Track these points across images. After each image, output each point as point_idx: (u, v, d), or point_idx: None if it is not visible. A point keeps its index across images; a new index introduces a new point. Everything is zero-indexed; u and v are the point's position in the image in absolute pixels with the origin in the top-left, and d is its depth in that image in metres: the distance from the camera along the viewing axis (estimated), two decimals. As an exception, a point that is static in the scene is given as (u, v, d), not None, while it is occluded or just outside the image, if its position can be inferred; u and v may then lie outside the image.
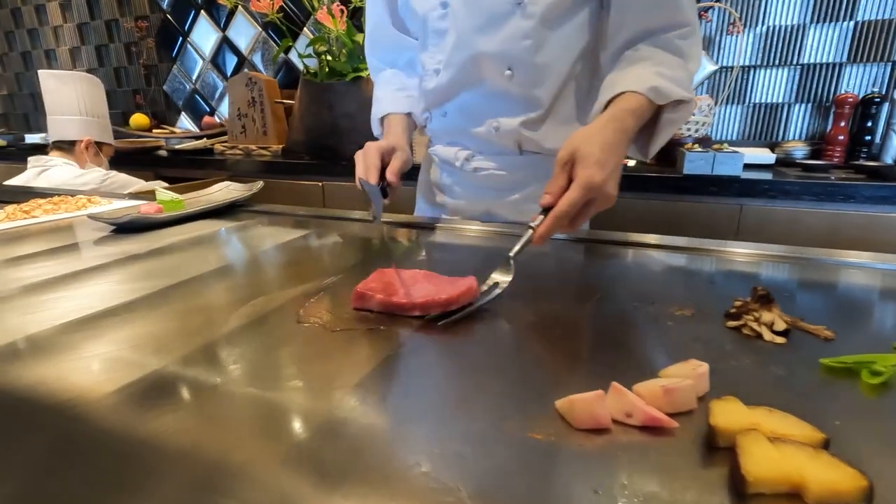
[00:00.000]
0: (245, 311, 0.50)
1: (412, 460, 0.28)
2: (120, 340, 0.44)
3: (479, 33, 0.78)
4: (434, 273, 0.55)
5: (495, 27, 0.77)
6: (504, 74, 0.79)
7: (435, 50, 0.84)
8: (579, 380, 0.37)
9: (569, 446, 0.30)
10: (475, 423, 0.32)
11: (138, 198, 1.16)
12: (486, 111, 0.84)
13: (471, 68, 0.81)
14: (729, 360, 0.40)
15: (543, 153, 0.85)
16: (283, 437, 0.31)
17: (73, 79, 1.69)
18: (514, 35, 0.76)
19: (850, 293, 0.58)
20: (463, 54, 0.80)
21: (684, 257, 0.69)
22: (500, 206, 0.91)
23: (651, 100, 0.66)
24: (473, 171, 0.89)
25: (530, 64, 0.78)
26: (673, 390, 0.32)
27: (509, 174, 0.88)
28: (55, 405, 0.34)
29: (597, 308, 0.51)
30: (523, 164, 0.87)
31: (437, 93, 0.87)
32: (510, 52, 0.77)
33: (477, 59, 0.79)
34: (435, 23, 0.82)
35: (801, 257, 0.67)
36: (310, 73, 1.87)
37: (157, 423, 0.32)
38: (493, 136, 0.84)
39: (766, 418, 0.30)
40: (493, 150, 0.87)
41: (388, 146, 0.81)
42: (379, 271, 0.54)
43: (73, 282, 0.60)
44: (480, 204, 0.92)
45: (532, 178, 0.88)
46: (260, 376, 0.38)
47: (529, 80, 0.79)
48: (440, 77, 0.85)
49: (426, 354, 0.42)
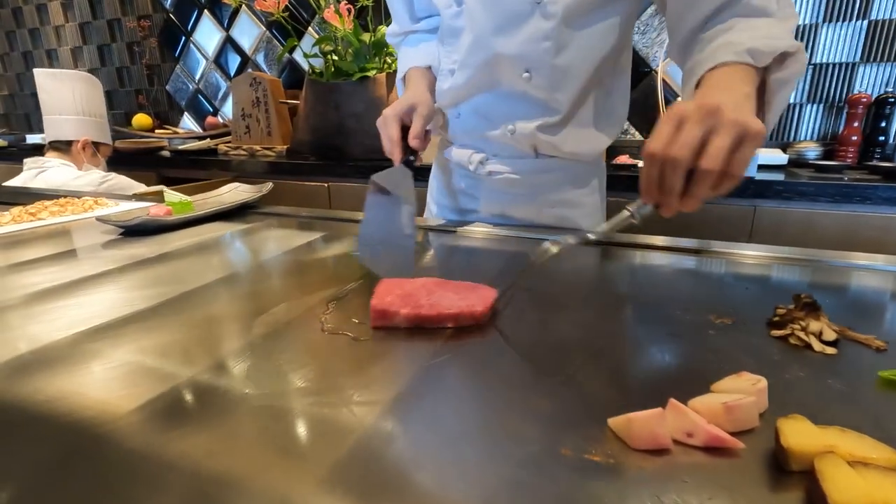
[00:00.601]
0: (266, 320, 0.48)
1: (466, 488, 0.26)
2: (138, 351, 0.42)
3: (496, 34, 0.75)
4: (444, 280, 0.53)
5: (514, 28, 0.74)
6: (522, 76, 0.76)
7: (450, 49, 0.82)
8: (629, 395, 0.35)
9: (629, 469, 0.28)
10: (529, 446, 0.30)
11: (145, 199, 1.14)
12: (501, 114, 0.81)
13: (487, 70, 0.78)
14: (781, 373, 0.38)
15: (560, 157, 0.83)
16: (321, 457, 0.29)
17: (70, 77, 1.66)
18: (533, 36, 0.73)
19: (890, 298, 0.56)
20: (480, 55, 0.77)
21: (708, 261, 0.67)
22: (514, 210, 0.89)
23: (751, 64, 0.54)
24: (488, 175, 0.87)
25: (550, 66, 0.74)
26: (735, 408, 0.30)
27: (524, 178, 0.85)
28: (75, 423, 0.32)
29: (633, 316, 0.49)
30: (540, 167, 0.84)
31: (452, 93, 0.84)
32: (529, 53, 0.74)
33: (494, 61, 0.76)
34: (450, 21, 0.80)
35: (823, 261, 0.65)
36: (315, 72, 1.85)
37: (184, 443, 0.30)
38: (509, 140, 0.82)
39: (841, 439, 0.28)
40: (509, 154, 0.85)
41: (406, 106, 0.76)
42: (384, 282, 0.52)
43: (82, 288, 0.58)
44: (495, 207, 0.90)
45: (548, 181, 0.85)
46: (290, 390, 0.36)
47: (548, 83, 0.76)
48: (455, 77, 0.82)
49: (462, 367, 0.40)
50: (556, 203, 0.86)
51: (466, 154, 0.88)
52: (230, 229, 0.86)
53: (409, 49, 0.93)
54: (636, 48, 1.81)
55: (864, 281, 0.60)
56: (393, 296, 0.48)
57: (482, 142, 0.86)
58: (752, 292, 0.56)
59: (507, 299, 0.52)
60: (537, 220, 0.87)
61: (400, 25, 0.95)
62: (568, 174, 0.85)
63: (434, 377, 0.38)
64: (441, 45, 0.85)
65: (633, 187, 1.20)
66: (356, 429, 0.32)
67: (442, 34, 0.84)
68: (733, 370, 0.37)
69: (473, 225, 0.86)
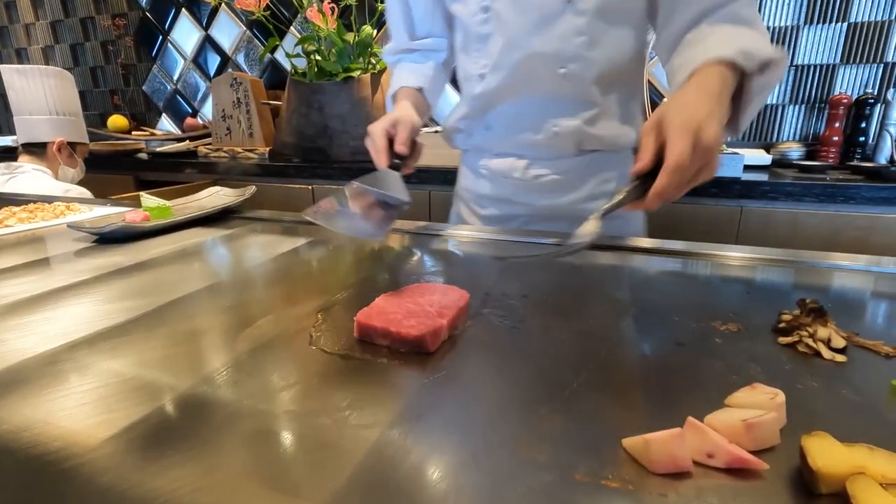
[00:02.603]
0: (252, 334, 0.46)
1: (474, 520, 0.24)
2: (114, 371, 0.39)
3: (530, 34, 0.76)
4: (428, 284, 0.52)
5: (547, 26, 0.75)
6: (558, 73, 0.77)
7: (478, 55, 0.82)
8: (642, 412, 0.34)
9: (649, 495, 0.26)
10: (541, 471, 0.28)
11: (121, 204, 1.09)
12: (540, 116, 0.82)
13: (523, 69, 0.78)
14: (794, 384, 0.37)
15: (602, 149, 0.84)
16: (317, 489, 0.27)
17: (41, 74, 1.56)
18: (567, 32, 0.75)
19: (889, 300, 0.55)
20: (514, 56, 0.78)
21: (703, 264, 0.66)
22: (554, 209, 0.88)
23: (739, 64, 0.58)
24: (532, 179, 0.87)
25: (586, 60, 0.76)
26: (756, 425, 0.29)
27: (565, 176, 0.86)
28: (39, 457, 0.29)
29: (636, 324, 0.47)
30: (580, 163, 0.85)
31: (484, 98, 0.84)
32: (564, 50, 0.75)
33: (530, 60, 0.77)
34: (476, 28, 0.80)
35: (814, 263, 0.64)
36: (298, 73, 1.81)
37: (165, 477, 0.27)
38: (552, 140, 0.82)
39: (870, 459, 0.26)
40: (550, 155, 0.85)
41: (391, 121, 0.76)
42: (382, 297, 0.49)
43: (54, 300, 0.54)
44: (535, 209, 0.89)
45: (589, 175, 0.87)
46: (280, 412, 0.34)
47: (585, 78, 0.77)
48: (487, 81, 0.82)
49: (460, 383, 0.38)
50: (599, 195, 0.87)
51: (507, 163, 0.88)
52: (211, 235, 0.83)
53: (403, 69, 0.93)
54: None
55: (862, 283, 0.60)
56: (377, 318, 0.44)
57: (521, 147, 0.86)
58: (753, 297, 0.55)
59: (502, 309, 0.50)
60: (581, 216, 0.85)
61: (397, 43, 0.95)
62: (610, 165, 0.87)
63: (432, 395, 0.36)
64: (465, 54, 0.86)
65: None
66: (354, 456, 0.29)
67: (466, 42, 0.85)
68: (745, 381, 0.36)
69: (460, 228, 0.84)
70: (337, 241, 0.78)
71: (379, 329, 0.43)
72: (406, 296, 0.49)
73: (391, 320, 0.43)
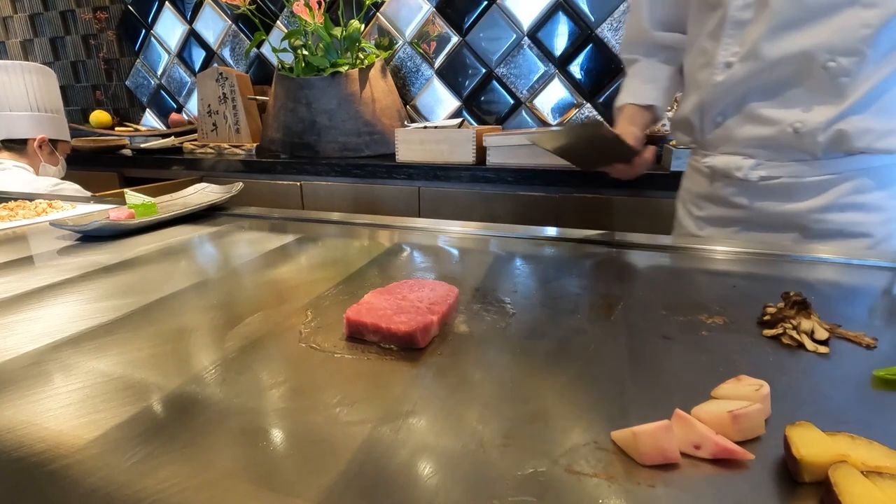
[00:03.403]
0: (241, 332, 0.45)
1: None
2: (100, 371, 0.39)
3: (801, 25, 0.70)
4: (418, 280, 0.51)
5: (824, 17, 0.70)
6: (824, 66, 0.71)
7: (731, 41, 0.77)
8: (628, 404, 0.34)
9: (638, 487, 0.26)
10: (528, 465, 0.28)
11: (105, 201, 1.07)
12: (781, 112, 0.76)
13: (780, 60, 0.73)
14: (778, 375, 0.37)
15: (854, 152, 0.75)
16: (309, 486, 0.27)
17: (22, 70, 1.54)
18: (849, 25, 0.69)
19: (870, 293, 0.57)
20: (774, 46, 0.72)
21: (687, 257, 0.67)
22: (779, 217, 0.82)
23: None
24: (758, 181, 0.81)
25: (862, 54, 0.69)
26: (742, 416, 0.29)
27: (799, 181, 0.78)
28: (24, 458, 0.29)
29: (625, 319, 0.48)
30: (823, 168, 0.77)
31: (725, 87, 0.79)
32: (840, 43, 0.69)
33: (792, 52, 0.72)
34: (736, 13, 0.75)
35: (797, 256, 0.65)
36: (285, 68, 1.79)
37: (154, 477, 0.27)
38: (790, 140, 0.76)
39: (852, 447, 0.27)
40: (785, 156, 0.78)
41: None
42: (372, 293, 0.49)
43: (36, 300, 0.53)
44: (754, 213, 0.84)
45: (832, 183, 0.77)
46: (270, 410, 0.33)
47: (854, 72, 0.70)
48: (734, 70, 0.77)
49: (449, 378, 0.38)
50: (847, 206, 0.78)
51: (732, 161, 0.83)
52: (198, 233, 0.82)
53: (637, 78, 0.88)
54: (608, 45, 1.82)
55: (844, 277, 0.61)
56: (367, 313, 0.44)
57: (752, 145, 0.80)
58: (739, 290, 0.55)
59: (492, 304, 0.50)
60: (815, 227, 0.80)
61: (637, 31, 0.89)
62: (864, 172, 0.77)
63: (422, 390, 0.36)
64: (713, 40, 0.80)
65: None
66: (345, 452, 0.29)
67: (718, 27, 0.79)
68: (730, 373, 0.36)
69: (450, 223, 0.84)
70: (326, 238, 0.78)
71: (369, 325, 0.43)
72: (396, 292, 0.48)
73: (381, 316, 0.43)
